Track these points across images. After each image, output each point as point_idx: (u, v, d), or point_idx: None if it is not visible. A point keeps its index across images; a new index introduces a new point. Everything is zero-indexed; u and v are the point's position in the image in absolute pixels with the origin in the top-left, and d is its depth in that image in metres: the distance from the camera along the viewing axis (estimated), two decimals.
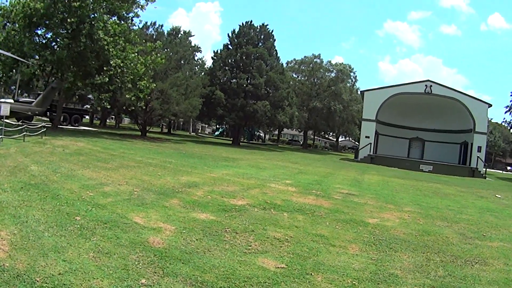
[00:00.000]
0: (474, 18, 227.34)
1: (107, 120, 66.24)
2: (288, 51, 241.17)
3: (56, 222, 6.57)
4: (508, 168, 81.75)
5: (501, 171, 66.79)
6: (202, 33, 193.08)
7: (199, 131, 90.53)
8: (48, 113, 35.26)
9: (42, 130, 21.15)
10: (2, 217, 6.54)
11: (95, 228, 6.47)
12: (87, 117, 54.00)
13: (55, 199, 8.19)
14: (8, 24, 26.99)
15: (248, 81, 47.28)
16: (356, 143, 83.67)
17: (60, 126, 33.68)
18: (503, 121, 51.08)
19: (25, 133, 18.85)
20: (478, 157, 39.50)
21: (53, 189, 9.03)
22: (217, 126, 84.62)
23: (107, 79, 27.40)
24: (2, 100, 23.79)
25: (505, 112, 49.41)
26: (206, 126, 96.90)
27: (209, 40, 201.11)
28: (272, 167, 20.37)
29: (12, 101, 28.16)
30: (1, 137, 16.35)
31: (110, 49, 27.27)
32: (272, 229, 7.33)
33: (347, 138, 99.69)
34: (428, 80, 42.78)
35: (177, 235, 6.49)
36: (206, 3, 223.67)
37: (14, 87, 43.46)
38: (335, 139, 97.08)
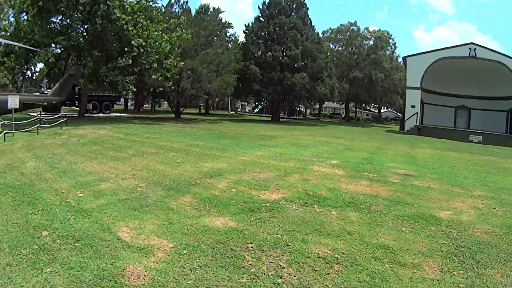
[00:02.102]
0: None
1: (145, 105, 65.33)
2: (320, 23, 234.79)
3: (13, 242, 4.83)
4: None
5: None
6: (235, 12, 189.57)
7: (239, 109, 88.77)
8: (76, 102, 34.28)
9: (62, 120, 19.71)
10: None
11: (59, 250, 4.58)
12: (120, 103, 53.18)
13: (32, 204, 6.41)
14: (23, 14, 25.64)
15: (284, 53, 44.67)
16: (399, 114, 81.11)
17: (91, 115, 32.61)
18: None
19: (38, 125, 17.44)
20: None
21: (36, 191, 7.26)
22: (256, 103, 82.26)
23: (131, 61, 25.64)
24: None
25: None
26: (246, 104, 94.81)
27: (243, 18, 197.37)
28: (315, 144, 18.02)
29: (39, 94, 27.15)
30: (5, 132, 14.86)
31: (130, 29, 25.35)
32: (316, 240, 5.09)
33: (389, 109, 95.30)
34: (472, 43, 38.72)
35: (173, 259, 4.37)
36: None
37: (46, 80, 43.14)
38: (377, 111, 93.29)
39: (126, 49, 25.70)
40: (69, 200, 6.67)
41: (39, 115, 19.81)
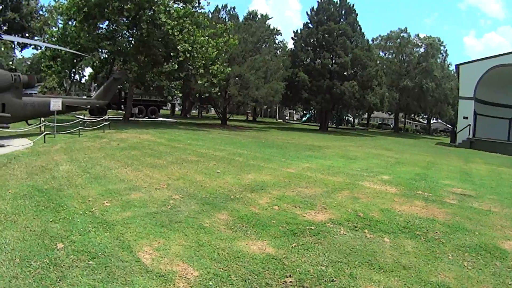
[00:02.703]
0: None
1: (192, 110, 66.00)
2: (369, 30, 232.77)
3: (25, 251, 4.54)
4: None
5: None
6: (283, 20, 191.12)
7: (287, 117, 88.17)
8: (122, 106, 34.81)
9: (105, 124, 19.80)
10: None
11: (71, 268, 4.16)
12: (167, 108, 53.90)
13: (54, 211, 6.10)
14: (73, 21, 26.46)
15: (333, 61, 44.05)
16: (448, 125, 79.67)
17: (136, 119, 32.98)
18: None
19: (80, 127, 17.57)
20: None
21: (63, 197, 6.95)
22: (304, 112, 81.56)
23: (177, 66, 25.60)
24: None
25: None
26: (294, 112, 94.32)
27: (291, 26, 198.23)
28: (364, 157, 17.19)
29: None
30: (45, 134, 14.96)
31: (176, 34, 25.35)
32: (366, 275, 4.35)
33: (438, 120, 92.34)
34: None
35: None
36: None
37: (95, 84, 44.55)
38: (425, 122, 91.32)
39: (172, 54, 25.70)
40: (94, 209, 6.24)
41: (83, 118, 20.04)
